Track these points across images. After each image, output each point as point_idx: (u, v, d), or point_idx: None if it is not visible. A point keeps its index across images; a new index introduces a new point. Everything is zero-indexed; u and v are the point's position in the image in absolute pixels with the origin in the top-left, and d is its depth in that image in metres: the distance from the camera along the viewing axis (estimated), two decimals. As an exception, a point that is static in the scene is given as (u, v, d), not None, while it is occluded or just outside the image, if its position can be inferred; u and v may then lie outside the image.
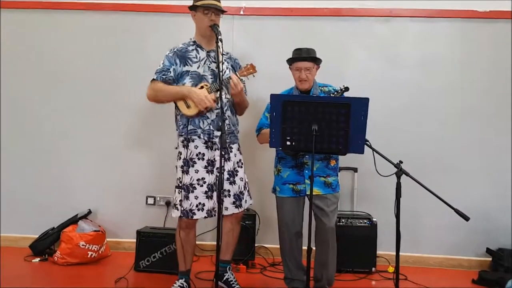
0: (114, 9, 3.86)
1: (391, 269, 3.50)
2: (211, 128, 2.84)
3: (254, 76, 2.90)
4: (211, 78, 2.86)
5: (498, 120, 3.69)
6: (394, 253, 2.48)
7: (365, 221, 3.51)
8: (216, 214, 2.86)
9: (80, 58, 3.91)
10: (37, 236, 3.74)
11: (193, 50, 2.91)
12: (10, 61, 3.93)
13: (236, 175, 2.92)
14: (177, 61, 2.87)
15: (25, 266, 3.48)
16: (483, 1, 3.63)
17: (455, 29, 3.71)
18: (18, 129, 3.94)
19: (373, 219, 3.52)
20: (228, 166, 2.87)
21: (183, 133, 2.86)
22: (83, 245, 3.49)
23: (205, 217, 2.84)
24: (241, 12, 3.77)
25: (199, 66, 2.88)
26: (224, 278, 2.97)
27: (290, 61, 2.94)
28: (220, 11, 2.85)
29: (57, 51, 3.92)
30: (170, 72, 2.85)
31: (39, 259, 3.59)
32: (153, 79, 2.86)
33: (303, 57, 2.87)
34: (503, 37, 3.66)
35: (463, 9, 3.65)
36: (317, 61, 2.91)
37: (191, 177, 2.82)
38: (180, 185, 2.85)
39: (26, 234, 3.84)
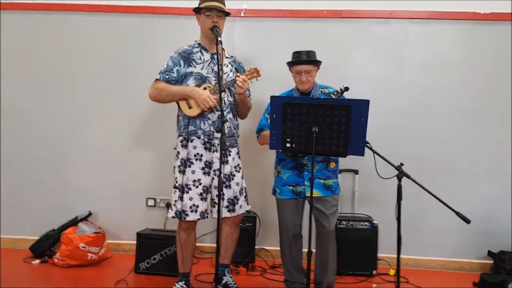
0: (117, 11, 3.86)
1: (392, 271, 3.48)
2: (212, 129, 2.83)
3: (257, 80, 2.90)
4: (214, 80, 2.86)
5: (501, 122, 3.67)
6: (395, 256, 2.47)
7: (366, 223, 3.49)
8: (209, 216, 2.88)
9: (80, 60, 3.91)
10: (37, 237, 3.74)
11: (197, 52, 2.92)
12: (10, 62, 3.93)
13: (232, 179, 2.91)
14: (181, 62, 2.88)
15: (25, 267, 3.47)
16: (484, 4, 3.62)
17: (457, 31, 3.71)
18: (18, 130, 3.93)
19: (374, 222, 3.50)
20: (226, 169, 2.87)
21: (183, 133, 2.86)
22: (83, 247, 3.49)
23: (198, 219, 2.83)
24: (242, 14, 3.77)
25: (203, 67, 2.88)
26: (223, 282, 2.97)
27: (290, 64, 2.93)
28: (222, 12, 2.86)
29: (58, 53, 3.93)
30: (173, 72, 2.86)
31: (39, 261, 3.58)
32: (156, 79, 2.88)
33: (303, 60, 2.87)
34: (504, 39, 3.65)
35: (464, 11, 3.65)
36: (316, 63, 2.90)
37: (187, 177, 2.82)
38: (177, 185, 2.85)
39: (26, 235, 3.84)
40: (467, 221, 2.41)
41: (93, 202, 3.88)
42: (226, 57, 2.99)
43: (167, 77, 2.86)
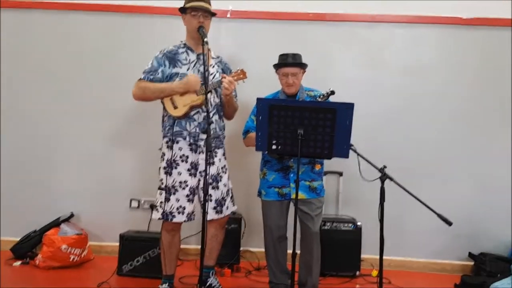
0: (105, 9, 3.82)
1: (374, 273, 3.50)
2: (197, 130, 2.82)
3: (244, 82, 2.89)
4: (200, 81, 2.84)
5: (482, 125, 3.75)
6: (378, 257, 2.49)
7: (350, 225, 3.52)
8: (195, 218, 2.86)
9: (64, 60, 3.86)
10: (19, 239, 3.67)
11: (183, 52, 2.89)
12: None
13: (220, 180, 2.90)
14: (166, 62, 2.86)
15: (6, 269, 3.40)
16: (467, 8, 3.69)
17: (439, 35, 3.76)
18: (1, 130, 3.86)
19: (358, 223, 3.53)
20: (212, 170, 2.86)
21: (168, 134, 2.84)
22: (65, 248, 3.44)
23: (185, 221, 2.82)
24: (228, 16, 3.77)
25: (188, 68, 2.86)
26: (208, 284, 2.96)
27: (277, 67, 2.94)
28: (208, 12, 2.85)
29: (42, 52, 3.86)
30: (158, 73, 2.84)
31: (20, 262, 3.52)
32: (140, 79, 2.84)
33: (289, 63, 2.88)
34: (486, 44, 3.73)
35: (447, 15, 3.71)
36: (303, 66, 2.92)
37: (174, 179, 2.80)
38: (162, 186, 2.83)
39: (8, 237, 3.77)
40: (449, 223, 2.45)
41: (75, 203, 3.82)
42: (212, 58, 2.98)
43: (151, 77, 2.83)
